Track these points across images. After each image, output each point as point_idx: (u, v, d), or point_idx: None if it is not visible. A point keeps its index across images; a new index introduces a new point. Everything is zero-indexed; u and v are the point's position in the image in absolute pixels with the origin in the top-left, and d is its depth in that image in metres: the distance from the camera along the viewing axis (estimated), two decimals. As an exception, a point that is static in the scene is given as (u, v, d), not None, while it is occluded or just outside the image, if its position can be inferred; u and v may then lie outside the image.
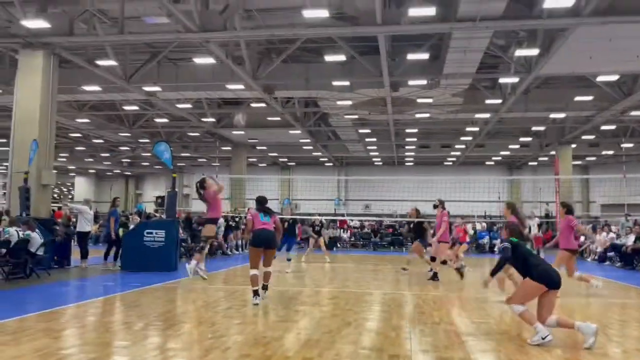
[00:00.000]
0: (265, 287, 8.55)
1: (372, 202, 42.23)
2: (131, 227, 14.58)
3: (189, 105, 24.58)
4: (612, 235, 18.33)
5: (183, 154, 39.52)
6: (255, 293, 8.08)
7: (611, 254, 17.37)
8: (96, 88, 20.40)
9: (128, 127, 29.14)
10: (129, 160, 45.69)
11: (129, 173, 50.88)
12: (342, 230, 28.03)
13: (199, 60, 18.73)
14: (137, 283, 10.03)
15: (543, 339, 5.60)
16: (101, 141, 34.94)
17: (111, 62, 17.26)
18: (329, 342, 5.65)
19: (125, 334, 6.08)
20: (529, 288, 5.88)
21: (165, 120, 29.06)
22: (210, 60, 18.32)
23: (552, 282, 5.79)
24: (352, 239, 27.63)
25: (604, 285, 11.63)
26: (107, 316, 7.25)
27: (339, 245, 26.24)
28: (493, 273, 6.21)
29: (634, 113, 24.94)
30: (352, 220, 30.86)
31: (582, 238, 21.93)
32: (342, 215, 34.13)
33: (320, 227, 18.87)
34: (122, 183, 52.15)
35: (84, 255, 13.22)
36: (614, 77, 20.06)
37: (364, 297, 9.22)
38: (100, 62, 17.16)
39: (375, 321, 6.97)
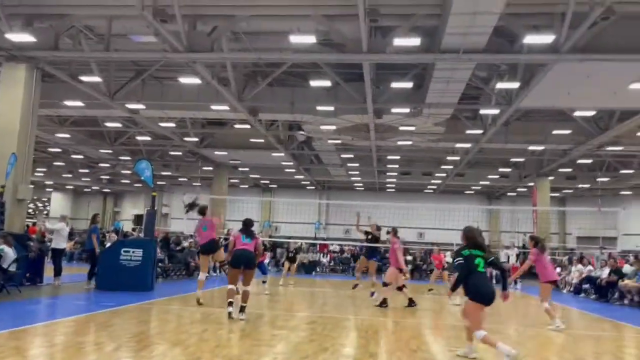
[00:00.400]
0: (242, 309, 8.62)
1: (352, 226, 42.21)
2: (108, 245, 14.34)
3: (172, 124, 24.50)
4: (589, 267, 18.58)
5: (164, 173, 39.19)
6: (230, 304, 8.64)
7: (586, 286, 17.58)
8: (79, 103, 20.24)
9: (109, 144, 28.88)
10: (108, 177, 45.15)
11: (107, 190, 50.21)
12: (322, 254, 27.93)
13: (184, 79, 18.76)
14: (111, 302, 9.83)
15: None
16: (81, 157, 34.53)
17: (95, 78, 17.19)
18: (305, 367, 5.59)
19: (97, 355, 5.93)
20: (472, 309, 6.10)
21: (147, 138, 28.88)
22: (195, 80, 18.37)
23: (483, 299, 6.01)
24: (332, 264, 27.54)
25: (579, 317, 11.76)
26: (78, 336, 7.07)
27: (318, 270, 26.11)
28: (453, 288, 6.50)
29: (609, 148, 25.55)
30: (332, 244, 30.81)
31: (557, 269, 22.21)
32: (323, 239, 34.07)
33: (295, 253, 18.90)
34: (100, 200, 51.42)
35: (58, 272, 12.93)
36: (591, 113, 20.60)
37: (342, 322, 9.16)
38: (84, 78, 17.07)
39: (352, 347, 6.92)
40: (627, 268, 16.07)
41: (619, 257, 18.50)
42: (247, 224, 9.22)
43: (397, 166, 35.60)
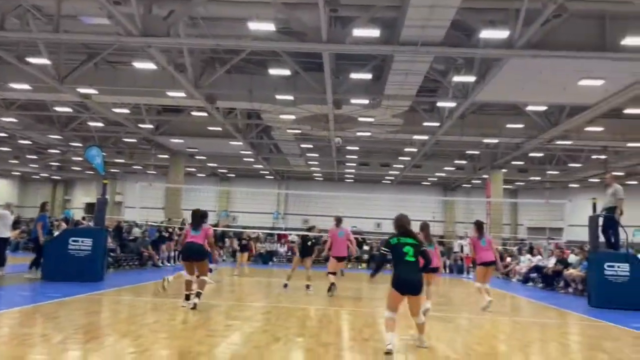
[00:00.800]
0: (198, 295, 8.79)
1: (311, 217, 42.34)
2: (56, 234, 13.84)
3: (126, 110, 23.81)
4: (538, 257, 19.22)
5: (117, 160, 38.12)
6: (187, 297, 8.83)
7: (534, 275, 18.20)
8: (26, 87, 19.39)
9: (59, 130, 27.83)
10: (58, 164, 43.59)
11: (57, 177, 48.48)
12: (279, 244, 27.86)
13: (139, 64, 18.24)
14: (58, 293, 9.50)
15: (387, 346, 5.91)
16: (28, 142, 33.17)
17: (44, 61, 16.50)
18: (257, 357, 5.55)
19: (42, 347, 5.72)
20: (389, 293, 6.25)
21: (99, 124, 27.98)
22: (150, 65, 17.89)
23: (399, 288, 6.09)
24: (289, 254, 27.50)
25: (526, 305, 12.18)
26: (23, 328, 6.80)
27: (275, 260, 26.04)
28: (372, 274, 6.59)
29: (559, 142, 26.48)
30: (290, 234, 30.78)
31: (508, 259, 22.93)
32: (281, 229, 34.00)
33: (247, 242, 18.83)
34: (49, 187, 49.61)
35: (1, 262, 12.39)
36: (543, 108, 21.26)
37: (296, 312, 9.15)
38: (31, 60, 16.36)
39: (305, 337, 6.92)
40: (572, 258, 16.72)
41: (564, 247, 19.22)
42: (194, 215, 9.26)
43: (355, 157, 35.84)
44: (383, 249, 6.38)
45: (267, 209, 42.50)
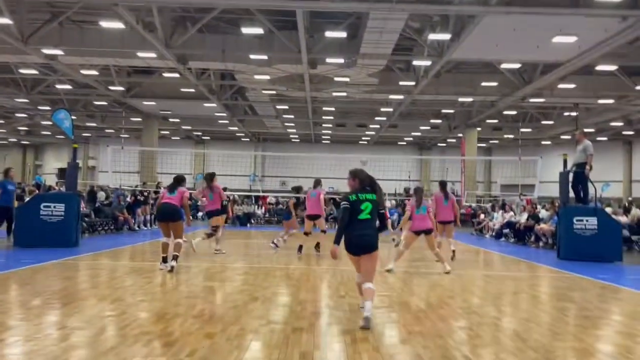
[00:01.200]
0: (175, 257, 8.79)
1: (288, 178, 42.35)
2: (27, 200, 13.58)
3: (95, 72, 23.12)
4: (511, 213, 19.66)
5: (89, 124, 37.27)
6: (164, 260, 8.89)
7: (506, 230, 18.66)
8: (-13, 48, 18.62)
9: (25, 93, 26.96)
10: (26, 129, 42.42)
11: (26, 142, 47.28)
12: (257, 206, 27.89)
13: (106, 24, 17.62)
14: (31, 260, 9.39)
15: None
16: (-6, 107, 32.15)
17: (5, 20, 15.79)
18: (234, 317, 5.61)
19: (17, 312, 5.67)
20: (349, 256, 5.73)
21: (68, 86, 27.18)
22: (119, 25, 17.28)
23: (349, 248, 5.55)
24: (267, 215, 27.61)
25: (498, 259, 12.53)
26: (-5, 295, 6.72)
27: (253, 222, 26.12)
28: (335, 241, 5.59)
29: (532, 100, 26.74)
30: (267, 196, 30.80)
31: (482, 216, 23.42)
32: (258, 191, 33.94)
33: (225, 204, 18.50)
34: (18, 153, 48.43)
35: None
36: (517, 65, 21.33)
37: (273, 272, 9.24)
38: (-9, 19, 15.66)
39: (283, 296, 7.01)
40: (543, 213, 17.16)
41: (536, 202, 19.67)
42: (175, 180, 9.39)
43: (332, 118, 35.69)
44: (344, 203, 5.65)
45: (244, 172, 42.25)
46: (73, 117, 15.28)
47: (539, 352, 4.58)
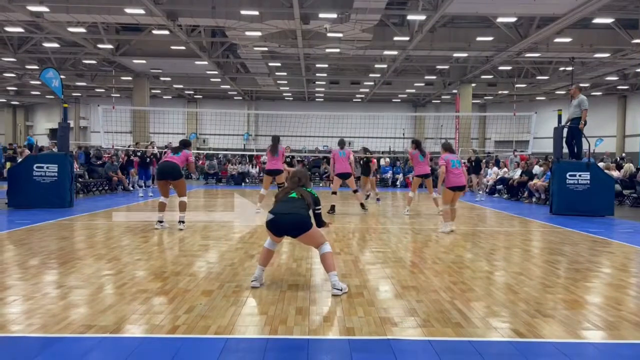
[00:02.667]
0: (180, 221, 9.00)
1: (282, 137, 42.13)
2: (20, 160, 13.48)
3: (82, 30, 22.54)
4: (504, 170, 19.75)
5: (79, 83, 36.66)
6: (160, 220, 8.98)
7: (500, 186, 18.79)
8: (-30, 5, 18.05)
9: (12, 52, 26.34)
10: (15, 89, 41.69)
11: (16, 102, 46.54)
12: (251, 165, 27.85)
13: (91, -22, 17.06)
14: (27, 220, 9.40)
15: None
16: (-19, 66, 31.47)
17: (-14, -25, 15.24)
18: (231, 274, 5.67)
19: (15, 272, 5.71)
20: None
21: (55, 45, 26.55)
22: (104, -21, 16.74)
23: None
24: (261, 175, 27.58)
25: (492, 215, 12.67)
26: (-9, 256, 6.74)
27: (247, 181, 26.15)
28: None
29: (528, 55, 26.42)
30: (262, 155, 30.71)
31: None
32: (252, 150, 33.83)
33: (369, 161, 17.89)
34: (9, 113, 47.73)
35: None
36: (513, 19, 20.95)
37: (269, 230, 9.30)
38: (-28, -25, 15.11)
39: (278, 253, 7.08)
40: (536, 169, 17.25)
41: (533, 157, 19.72)
42: (180, 143, 9.45)
43: (325, 75, 35.23)
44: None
45: (238, 131, 42.01)
46: (62, 76, 15.00)
47: (530, 304, 4.68)
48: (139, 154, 19.03)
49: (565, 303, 4.76)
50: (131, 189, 18.68)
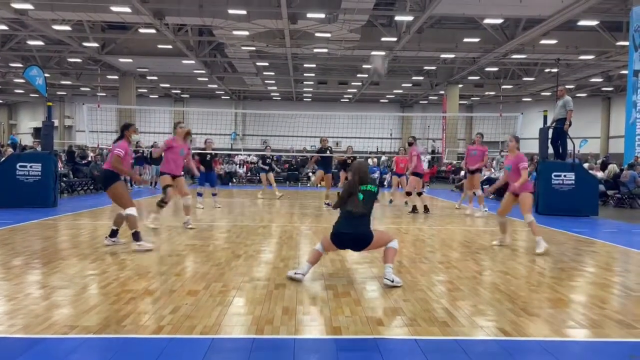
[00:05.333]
0: (135, 235, 7.04)
1: (269, 137, 42.03)
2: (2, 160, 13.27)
3: (67, 28, 22.30)
4: (491, 170, 19.88)
5: (64, 82, 36.26)
6: (111, 233, 7.34)
7: (486, 186, 18.89)
8: (-48, 1, 17.78)
9: (-4, 49, 26.00)
10: (-1, 87, 41.15)
11: None
12: (238, 165, 27.74)
13: (76, -24, 16.89)
14: (9, 220, 9.26)
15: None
16: (-37, 64, 31.00)
17: (-31, -29, 15.02)
18: (217, 274, 5.64)
19: (-6, 273, 5.61)
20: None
21: (40, 43, 26.23)
22: (90, -24, 16.58)
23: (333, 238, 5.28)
24: (249, 174, 27.51)
25: (482, 215, 12.74)
26: (-28, 256, 6.63)
27: (234, 180, 26.04)
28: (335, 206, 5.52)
29: (514, 56, 26.65)
30: (249, 155, 30.61)
31: (462, 173, 23.63)
32: (239, 149, 33.71)
33: (271, 163, 18.18)
34: (-8, 112, 47.09)
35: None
36: (499, 21, 21.12)
37: (256, 230, 9.28)
38: (-46, -30, 14.87)
39: (265, 253, 7.05)
40: (522, 169, 17.35)
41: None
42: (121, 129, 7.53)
43: (313, 75, 35.23)
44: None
45: (225, 130, 41.87)
46: (46, 75, 14.82)
47: (516, 302, 4.71)
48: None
49: (550, 302, 4.80)
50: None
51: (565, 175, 12.35)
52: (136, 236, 6.96)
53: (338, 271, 5.92)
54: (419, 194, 12.89)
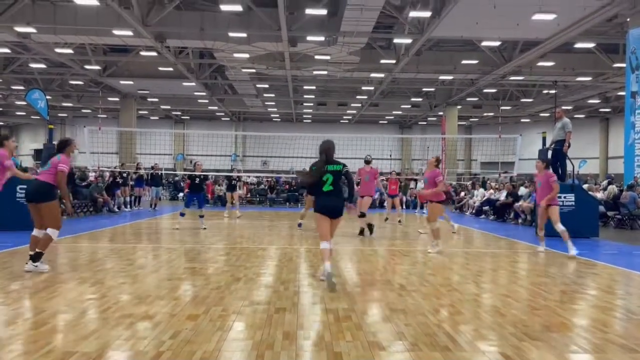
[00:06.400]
0: (36, 256, 6.86)
1: (269, 158, 42.17)
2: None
3: (69, 51, 22.55)
4: (491, 191, 19.89)
5: (65, 104, 36.52)
6: (30, 258, 6.88)
7: (486, 207, 18.91)
8: (-44, 25, 18.00)
9: (-2, 72, 26.24)
10: (0, 109, 41.39)
11: (0, 123, 46.17)
12: (238, 186, 27.73)
13: (80, 0, 17.12)
14: (9, 243, 9.24)
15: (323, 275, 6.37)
16: (-34, 86, 31.26)
17: (-27, -3, 15.25)
18: (217, 298, 5.60)
19: (-7, 297, 5.58)
20: (317, 221, 6.49)
21: (42, 65, 26.49)
22: (93, 1, 16.83)
23: (324, 211, 6.35)
24: (249, 196, 27.53)
25: (478, 236, 12.70)
26: (-29, 279, 6.59)
27: (234, 202, 25.98)
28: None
29: (512, 78, 26.90)
30: (249, 176, 30.68)
31: (462, 193, 23.65)
32: (239, 171, 33.74)
33: (237, 182, 18.94)
34: (-7, 134, 47.24)
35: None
36: (497, 43, 21.37)
37: (256, 252, 9.25)
38: (-41, -5, 15.10)
39: (265, 276, 7.02)
40: (522, 190, 17.40)
41: (516, 180, 19.91)
42: (57, 146, 7.37)
43: (313, 97, 35.49)
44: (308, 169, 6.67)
45: (225, 152, 42.05)
46: (48, 97, 14.98)
47: (518, 327, 4.67)
48: (125, 175, 18.93)
49: (553, 325, 4.77)
50: (116, 210, 18.50)
51: (565, 197, 12.35)
52: (39, 257, 6.80)
53: (339, 295, 5.89)
54: (362, 215, 12.18)
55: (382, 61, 23.61)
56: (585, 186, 16.03)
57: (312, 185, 6.58)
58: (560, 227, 9.28)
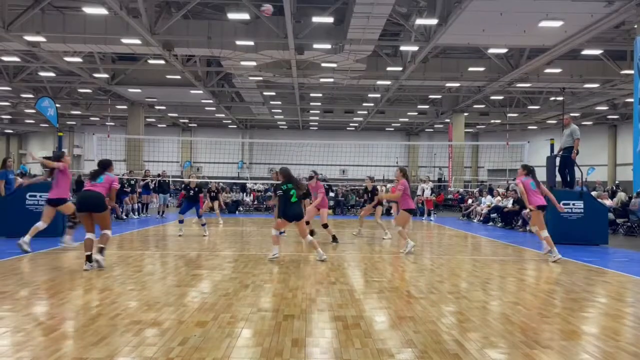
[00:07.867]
0: (100, 250, 7.93)
1: (276, 165, 42.22)
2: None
3: (79, 59, 22.76)
4: (498, 198, 19.82)
5: (74, 112, 36.80)
6: (88, 259, 7.78)
7: (494, 215, 18.82)
8: (-33, 35, 18.20)
9: (8, 81, 26.51)
10: (9, 117, 41.76)
11: (10, 131, 46.57)
12: (245, 194, 27.83)
13: (89, 10, 17.32)
14: (17, 250, 9.29)
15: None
16: (-24, 95, 31.58)
17: (-15, 6, 15.44)
18: (225, 305, 5.60)
19: (5, 303, 5.61)
20: (279, 223, 9.27)
21: (51, 74, 26.74)
22: (102, 10, 17.01)
23: (287, 217, 8.98)
24: (255, 203, 27.57)
25: (486, 244, 12.64)
26: (-19, 286, 6.63)
27: (241, 209, 26.07)
28: (279, 215, 9.23)
29: (519, 85, 26.85)
30: (255, 183, 30.74)
31: (469, 200, 23.57)
32: (246, 178, 33.84)
33: (217, 193, 19.00)
34: (2, 142, 47.71)
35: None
36: (504, 50, 21.36)
37: (263, 259, 9.24)
38: (-29, 5, 15.30)
39: (273, 283, 7.02)
40: (530, 197, 17.28)
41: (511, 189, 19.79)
42: (99, 165, 8.56)
43: (319, 104, 35.58)
44: (279, 192, 9.02)
45: (232, 159, 42.20)
46: (57, 105, 15.10)
47: (527, 334, 4.64)
48: (133, 182, 19.00)
49: (563, 333, 4.73)
50: (124, 217, 18.56)
51: (573, 204, 12.29)
52: (102, 251, 8.03)
53: (347, 302, 5.88)
54: (324, 225, 12.35)
55: (389, 68, 23.65)
56: (594, 193, 15.93)
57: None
58: (534, 229, 10.13)
